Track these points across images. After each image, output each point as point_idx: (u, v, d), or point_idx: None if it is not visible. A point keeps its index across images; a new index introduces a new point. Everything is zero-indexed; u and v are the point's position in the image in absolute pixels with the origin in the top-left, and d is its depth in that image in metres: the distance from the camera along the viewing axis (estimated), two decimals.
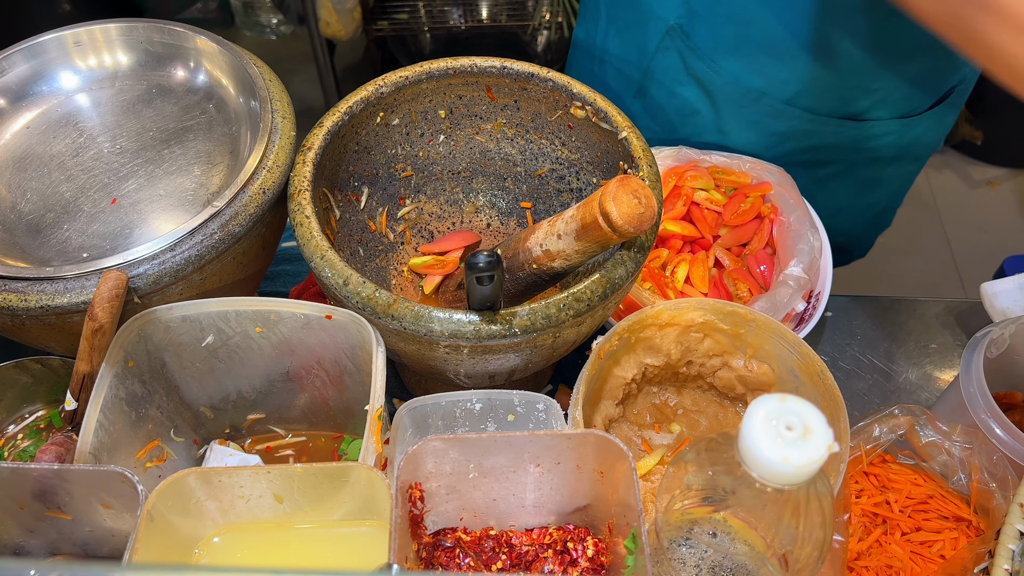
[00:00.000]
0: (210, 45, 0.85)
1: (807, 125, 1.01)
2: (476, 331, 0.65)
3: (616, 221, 0.63)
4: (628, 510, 0.61)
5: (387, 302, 0.66)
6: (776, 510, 0.51)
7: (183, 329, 0.72)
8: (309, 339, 0.73)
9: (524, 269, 0.74)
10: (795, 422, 0.47)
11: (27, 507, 0.62)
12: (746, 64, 0.98)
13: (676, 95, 1.05)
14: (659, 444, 0.85)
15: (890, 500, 0.79)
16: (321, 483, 0.61)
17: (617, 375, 0.80)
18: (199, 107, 0.85)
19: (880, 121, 1.02)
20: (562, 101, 0.84)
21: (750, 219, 0.99)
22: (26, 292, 0.67)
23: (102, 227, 0.76)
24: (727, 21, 0.96)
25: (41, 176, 0.80)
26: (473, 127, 0.89)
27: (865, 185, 1.13)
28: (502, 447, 0.63)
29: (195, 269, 0.70)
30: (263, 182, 0.74)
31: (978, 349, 0.80)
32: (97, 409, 0.65)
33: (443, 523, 0.70)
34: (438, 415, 0.73)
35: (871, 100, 0.99)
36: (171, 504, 0.58)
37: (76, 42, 0.86)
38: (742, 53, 0.98)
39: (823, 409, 0.72)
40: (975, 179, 2.52)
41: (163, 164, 0.81)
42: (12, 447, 0.83)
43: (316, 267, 0.69)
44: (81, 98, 0.86)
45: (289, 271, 1.04)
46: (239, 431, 0.84)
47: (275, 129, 0.78)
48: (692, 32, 1.00)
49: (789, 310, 0.89)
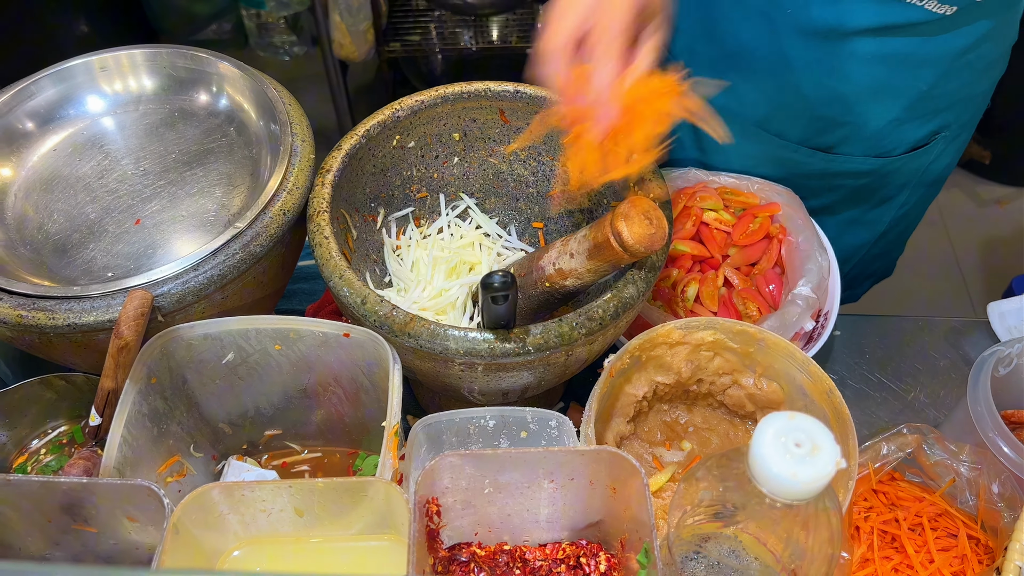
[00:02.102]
0: (232, 70, 0.87)
1: (778, 151, 1.02)
2: (490, 349, 0.67)
3: (628, 241, 0.65)
4: (640, 526, 0.62)
5: (404, 320, 0.68)
6: (786, 525, 0.52)
7: (204, 347, 0.73)
8: (327, 356, 0.75)
9: (537, 288, 0.75)
10: (804, 439, 0.48)
11: (54, 520, 0.64)
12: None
13: None
14: (670, 461, 0.86)
15: (899, 518, 0.79)
16: (341, 497, 0.62)
17: (628, 393, 0.82)
18: (221, 130, 0.87)
19: (852, 157, 1.01)
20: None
21: (759, 239, 1.01)
22: (54, 310, 0.69)
23: (126, 247, 0.78)
24: (701, 37, 0.98)
25: (67, 197, 0.82)
26: (486, 149, 0.91)
27: (847, 225, 1.12)
28: (517, 463, 0.64)
29: (217, 288, 0.72)
30: (283, 203, 0.76)
31: (986, 368, 0.81)
32: (121, 425, 0.67)
33: (458, 538, 0.71)
34: (452, 431, 0.75)
35: (840, 134, 0.99)
36: (195, 518, 0.59)
37: (102, 67, 0.88)
38: (716, 70, 0.99)
39: (832, 427, 0.73)
40: (984, 198, 2.52)
41: (185, 186, 0.83)
42: (35, 461, 0.84)
43: (334, 286, 0.71)
44: (106, 121, 0.88)
45: (305, 289, 1.06)
46: (256, 447, 0.85)
47: (295, 152, 0.80)
48: (671, 47, 1.01)
49: (798, 329, 0.90)
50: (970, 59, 0.90)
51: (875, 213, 1.11)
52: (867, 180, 1.04)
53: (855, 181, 1.04)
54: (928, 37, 0.87)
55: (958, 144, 1.05)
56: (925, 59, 0.89)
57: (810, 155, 1.01)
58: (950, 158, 1.06)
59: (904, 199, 1.09)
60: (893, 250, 1.22)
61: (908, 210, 1.12)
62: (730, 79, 0.97)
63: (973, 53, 0.90)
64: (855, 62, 0.90)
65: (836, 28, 0.87)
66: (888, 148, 1.00)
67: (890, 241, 1.17)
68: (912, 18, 0.84)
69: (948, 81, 0.92)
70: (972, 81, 0.95)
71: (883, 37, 0.87)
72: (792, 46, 0.91)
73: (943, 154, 1.04)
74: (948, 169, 1.08)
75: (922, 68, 0.90)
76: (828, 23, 0.87)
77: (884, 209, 1.10)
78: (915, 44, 0.87)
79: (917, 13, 0.84)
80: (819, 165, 1.02)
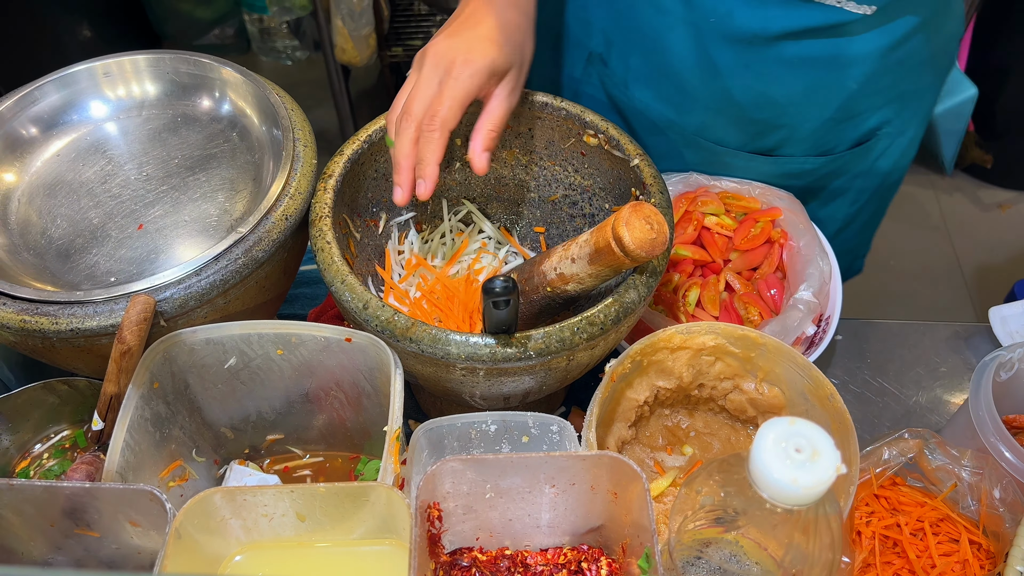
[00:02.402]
0: (235, 75, 0.87)
1: (721, 157, 1.03)
2: (492, 354, 0.67)
3: (628, 246, 0.65)
4: (642, 530, 0.62)
5: (406, 325, 0.68)
6: (786, 530, 0.52)
7: (207, 351, 0.74)
8: (329, 361, 0.75)
9: (538, 292, 0.75)
10: (804, 444, 0.48)
11: (57, 524, 0.64)
12: (655, 92, 1.00)
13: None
14: (672, 466, 0.87)
15: (901, 523, 0.79)
16: (342, 502, 0.62)
17: (630, 397, 0.82)
18: (223, 135, 0.88)
19: (794, 158, 1.02)
20: (575, 129, 0.86)
21: (760, 244, 1.01)
22: (57, 315, 0.69)
23: (129, 252, 0.78)
24: (636, 50, 0.99)
25: (71, 203, 0.82)
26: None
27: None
28: (518, 468, 0.64)
29: (219, 293, 0.72)
30: (285, 209, 0.76)
31: (987, 372, 0.81)
32: (124, 429, 0.67)
33: (460, 542, 0.71)
34: (454, 436, 0.75)
35: (778, 137, 1.00)
36: (197, 522, 0.60)
37: (106, 73, 0.89)
38: (652, 81, 1.00)
39: (833, 432, 0.73)
40: (986, 202, 2.52)
41: (188, 191, 0.83)
42: (38, 466, 0.85)
43: (336, 291, 0.71)
44: (109, 127, 0.89)
45: (307, 294, 1.06)
46: (258, 451, 0.85)
47: (297, 157, 0.80)
48: (609, 60, 1.02)
49: (799, 334, 0.91)
50: (900, 56, 0.91)
51: (828, 210, 1.11)
52: (812, 179, 1.05)
53: (800, 181, 1.05)
54: (851, 37, 0.88)
55: (908, 138, 1.05)
56: (852, 59, 0.90)
57: (750, 159, 1.03)
58: (900, 152, 1.06)
59: (855, 195, 1.10)
60: (857, 248, 1.23)
61: (863, 206, 1.13)
62: (664, 89, 0.99)
63: (901, 50, 0.90)
64: (782, 66, 0.91)
65: (759, 34, 0.88)
66: (829, 146, 1.01)
67: (851, 238, 1.18)
68: (832, 20, 0.86)
69: (879, 79, 0.93)
70: (906, 77, 0.95)
71: (807, 40, 0.88)
72: (720, 54, 0.92)
73: (890, 149, 1.04)
74: (901, 163, 1.09)
75: (849, 68, 0.91)
76: (751, 29, 0.88)
77: (836, 206, 1.11)
78: (839, 45, 0.88)
79: (837, 14, 0.85)
80: (763, 168, 1.03)
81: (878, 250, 2.07)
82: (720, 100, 0.96)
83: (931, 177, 2.57)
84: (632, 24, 0.96)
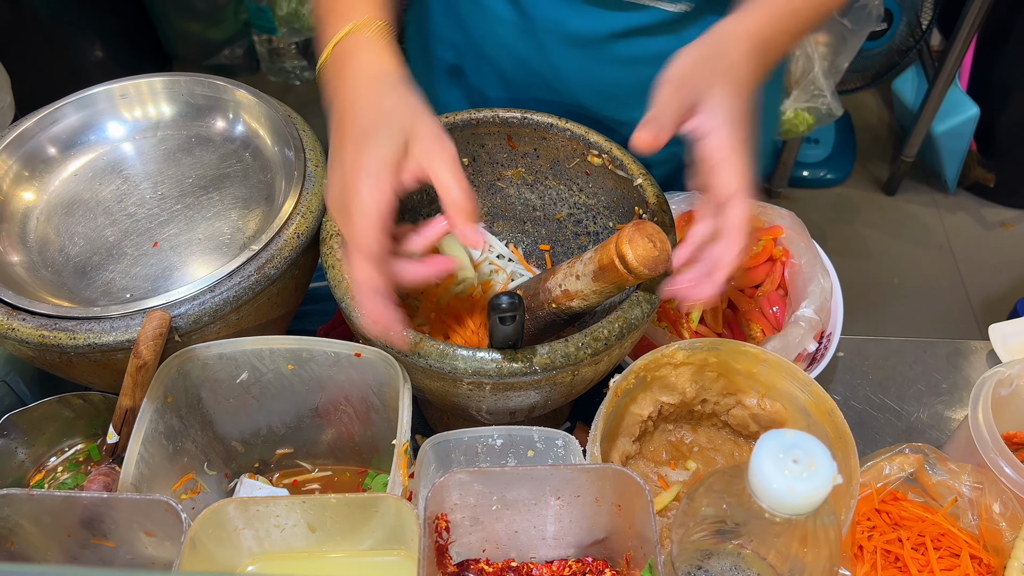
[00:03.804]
0: (248, 97, 0.90)
1: None
2: (498, 368, 0.68)
3: (632, 263, 0.67)
4: (645, 542, 0.63)
5: (414, 340, 0.69)
6: (785, 540, 0.53)
7: (219, 366, 0.75)
8: (338, 376, 0.77)
9: (544, 309, 0.77)
10: (801, 456, 0.49)
11: (74, 534, 0.65)
12: (511, 100, 1.03)
13: None
14: (675, 480, 0.88)
15: (902, 537, 0.80)
16: (353, 513, 0.64)
17: (634, 412, 0.83)
18: (236, 155, 0.90)
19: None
20: (579, 149, 0.88)
21: (762, 261, 1.02)
22: (75, 331, 0.71)
23: (144, 269, 0.80)
24: (482, 60, 1.02)
25: (88, 221, 0.84)
26: (494, 173, 0.94)
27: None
28: (524, 480, 0.65)
29: (232, 309, 0.74)
30: (297, 227, 0.78)
31: (987, 389, 0.82)
32: (139, 442, 0.69)
33: (466, 554, 0.72)
34: (460, 450, 0.76)
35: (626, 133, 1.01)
36: (211, 533, 0.61)
37: (123, 94, 0.91)
38: (506, 88, 1.03)
39: (834, 447, 0.74)
40: (989, 220, 2.53)
41: (202, 209, 0.85)
42: (52, 479, 0.86)
43: (347, 308, 0.73)
44: (126, 147, 0.91)
45: (317, 310, 1.07)
46: (268, 465, 0.87)
47: (308, 176, 0.82)
48: (464, 70, 1.06)
49: (801, 350, 0.92)
50: None
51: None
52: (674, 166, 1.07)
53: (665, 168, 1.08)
54: (676, 34, 0.91)
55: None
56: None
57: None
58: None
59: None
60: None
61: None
62: (517, 95, 1.02)
63: None
64: (618, 65, 0.94)
65: (592, 36, 0.92)
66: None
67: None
68: (654, 19, 0.90)
69: None
70: None
71: (636, 38, 0.92)
72: (560, 57, 0.95)
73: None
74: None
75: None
76: (584, 32, 0.92)
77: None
78: (667, 42, 0.91)
79: (657, 14, 0.89)
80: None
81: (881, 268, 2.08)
82: (569, 103, 1.00)
83: (934, 196, 2.58)
84: (476, 33, 1.00)
